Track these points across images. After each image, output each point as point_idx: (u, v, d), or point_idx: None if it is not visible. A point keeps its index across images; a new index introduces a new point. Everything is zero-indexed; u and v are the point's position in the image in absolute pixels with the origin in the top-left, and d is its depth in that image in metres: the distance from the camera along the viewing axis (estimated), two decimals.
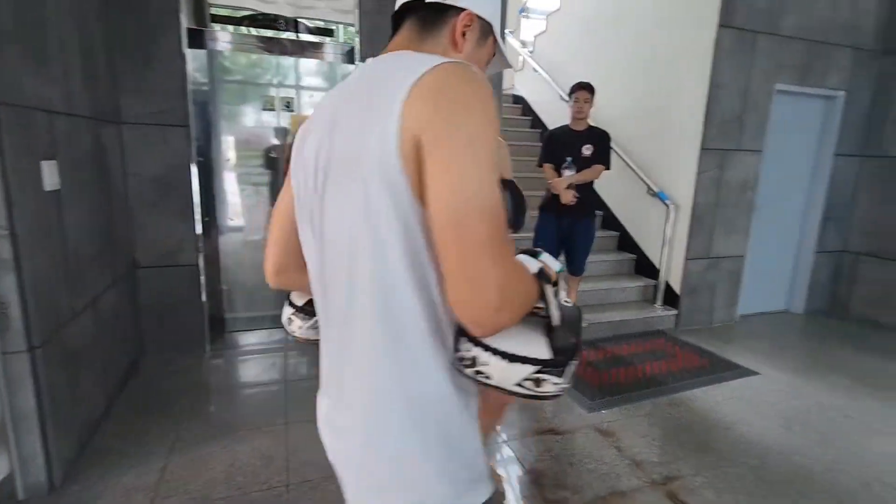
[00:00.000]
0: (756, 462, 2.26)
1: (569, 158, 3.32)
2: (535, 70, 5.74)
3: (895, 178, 4.11)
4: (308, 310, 1.00)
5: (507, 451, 2.25)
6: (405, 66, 0.68)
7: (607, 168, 3.34)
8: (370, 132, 0.66)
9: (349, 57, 3.50)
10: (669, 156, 3.99)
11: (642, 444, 2.36)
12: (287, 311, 1.04)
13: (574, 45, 5.45)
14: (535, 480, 2.03)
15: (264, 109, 3.41)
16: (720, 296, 4.08)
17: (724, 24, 3.54)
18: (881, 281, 4.15)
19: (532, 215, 3.81)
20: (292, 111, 3.46)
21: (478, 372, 0.68)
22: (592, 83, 3.33)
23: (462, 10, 0.78)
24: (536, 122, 6.04)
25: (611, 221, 4.70)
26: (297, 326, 1.02)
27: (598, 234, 4.20)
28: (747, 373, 3.18)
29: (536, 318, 0.71)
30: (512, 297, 0.65)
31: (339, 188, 0.71)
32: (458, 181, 0.62)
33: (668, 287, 4.04)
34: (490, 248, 0.62)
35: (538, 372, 0.67)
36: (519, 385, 0.68)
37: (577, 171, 3.31)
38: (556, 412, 2.60)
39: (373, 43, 3.18)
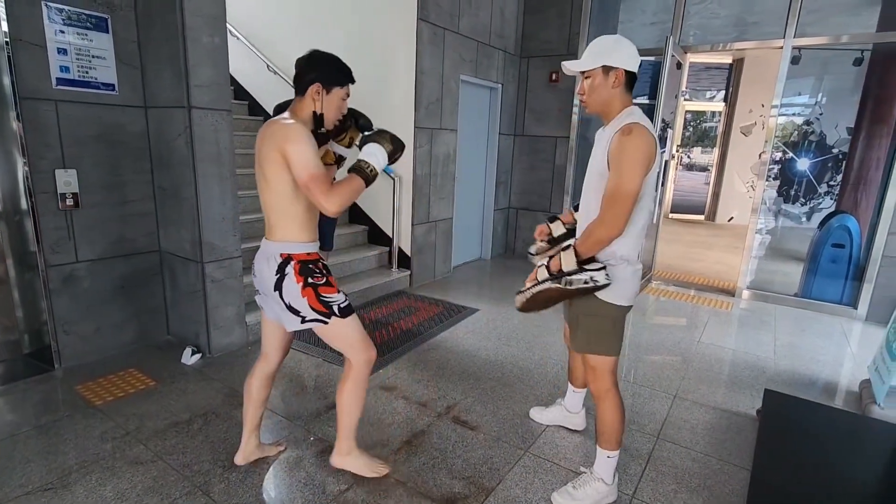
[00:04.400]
0: (499, 374, 2.91)
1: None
2: (233, 34, 5.26)
3: (534, 152, 5.66)
4: None
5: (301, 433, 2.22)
6: None
7: None
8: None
9: None
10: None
11: (420, 387, 2.70)
12: None
13: (279, 13, 5.23)
14: None
15: None
16: (439, 253, 4.84)
17: (421, 18, 4.08)
18: (530, 226, 5.73)
19: None
20: None
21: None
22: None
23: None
24: (241, 93, 5.58)
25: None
26: None
27: None
28: (471, 311, 3.96)
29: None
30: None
31: None
32: None
33: (401, 251, 4.54)
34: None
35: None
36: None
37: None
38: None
39: None
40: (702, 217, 9.62)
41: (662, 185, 4.83)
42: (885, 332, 2.81)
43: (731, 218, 9.21)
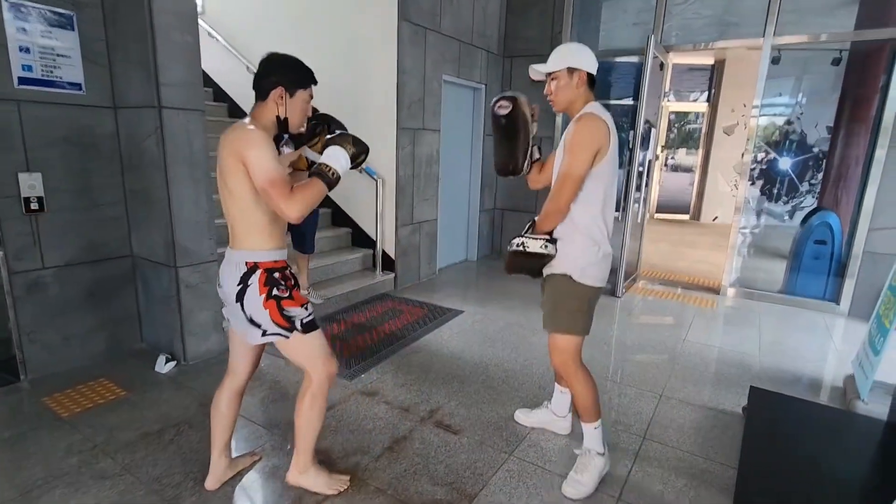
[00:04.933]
0: (483, 377, 2.85)
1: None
2: (211, 35, 5.18)
3: None
4: None
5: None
6: None
7: None
8: None
9: None
10: (371, 133, 4.28)
11: (403, 392, 2.64)
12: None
13: (258, 15, 5.15)
14: (325, 459, 2.02)
15: None
16: (424, 255, 4.78)
17: (403, 18, 4.03)
18: (516, 228, 5.69)
19: None
20: None
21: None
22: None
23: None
24: (220, 95, 5.48)
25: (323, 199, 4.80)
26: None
27: None
28: (456, 313, 3.90)
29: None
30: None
31: None
32: None
33: (385, 253, 4.47)
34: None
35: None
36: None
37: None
38: None
39: None
40: (687, 217, 9.68)
41: (647, 185, 4.84)
42: (867, 327, 2.82)
43: (716, 217, 9.28)
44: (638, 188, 4.59)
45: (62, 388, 2.52)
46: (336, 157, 1.58)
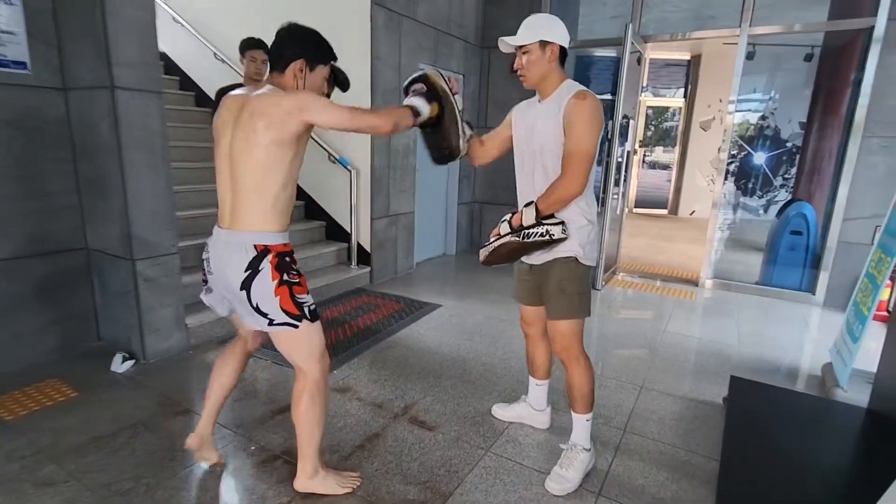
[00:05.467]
0: (460, 371, 2.76)
1: None
2: (177, 21, 4.96)
3: None
4: None
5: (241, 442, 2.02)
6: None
7: None
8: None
9: None
10: None
11: (377, 388, 2.53)
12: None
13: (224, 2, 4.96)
14: (293, 460, 1.90)
15: None
16: (401, 248, 4.66)
17: (376, 2, 3.90)
18: (495, 220, 5.61)
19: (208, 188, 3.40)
20: None
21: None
22: None
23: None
24: (187, 83, 5.26)
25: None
26: None
27: None
28: (433, 307, 3.80)
29: None
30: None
31: None
32: None
33: (360, 247, 4.34)
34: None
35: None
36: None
37: None
38: (286, 390, 2.48)
39: None
40: (665, 211, 9.75)
41: (625, 180, 4.81)
42: (844, 315, 2.81)
43: (693, 212, 9.37)
44: (616, 182, 4.55)
45: (8, 389, 2.34)
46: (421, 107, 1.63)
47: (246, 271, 1.43)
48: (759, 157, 7.38)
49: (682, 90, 9.47)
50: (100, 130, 2.46)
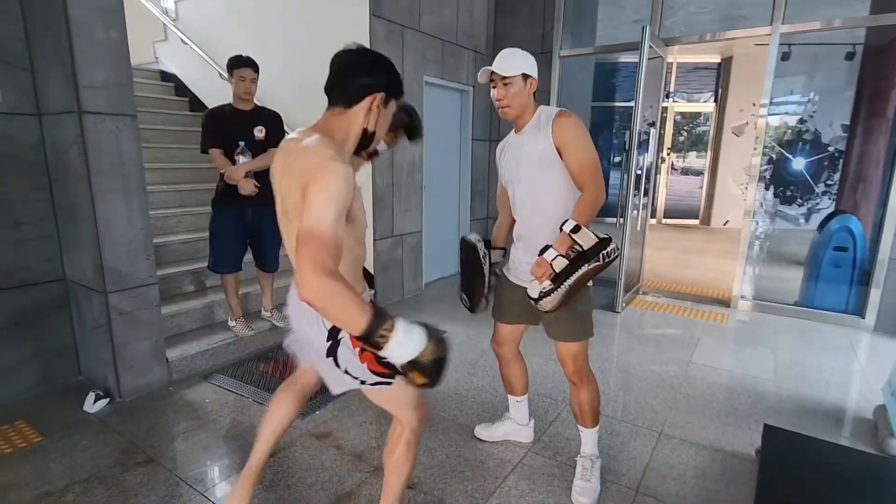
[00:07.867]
0: (456, 412, 2.50)
1: (242, 142, 2.93)
2: (185, 42, 4.94)
3: None
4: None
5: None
6: None
7: None
8: None
9: None
10: None
11: (360, 432, 2.30)
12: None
13: (226, 17, 4.90)
14: None
15: None
16: (407, 269, 4.45)
17: (375, 14, 3.74)
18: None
19: (205, 212, 3.29)
20: None
21: None
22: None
23: None
24: (197, 105, 5.23)
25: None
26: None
27: None
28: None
29: None
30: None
31: None
32: None
33: (364, 269, 4.14)
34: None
35: None
36: None
37: (253, 156, 2.95)
38: None
39: None
40: (696, 221, 9.25)
41: (647, 191, 4.48)
42: None
43: (727, 221, 8.84)
44: (637, 194, 4.23)
45: None
46: (407, 343, 1.05)
47: (328, 341, 1.30)
48: (799, 163, 6.89)
49: (713, 94, 9.01)
50: (69, 157, 2.34)
